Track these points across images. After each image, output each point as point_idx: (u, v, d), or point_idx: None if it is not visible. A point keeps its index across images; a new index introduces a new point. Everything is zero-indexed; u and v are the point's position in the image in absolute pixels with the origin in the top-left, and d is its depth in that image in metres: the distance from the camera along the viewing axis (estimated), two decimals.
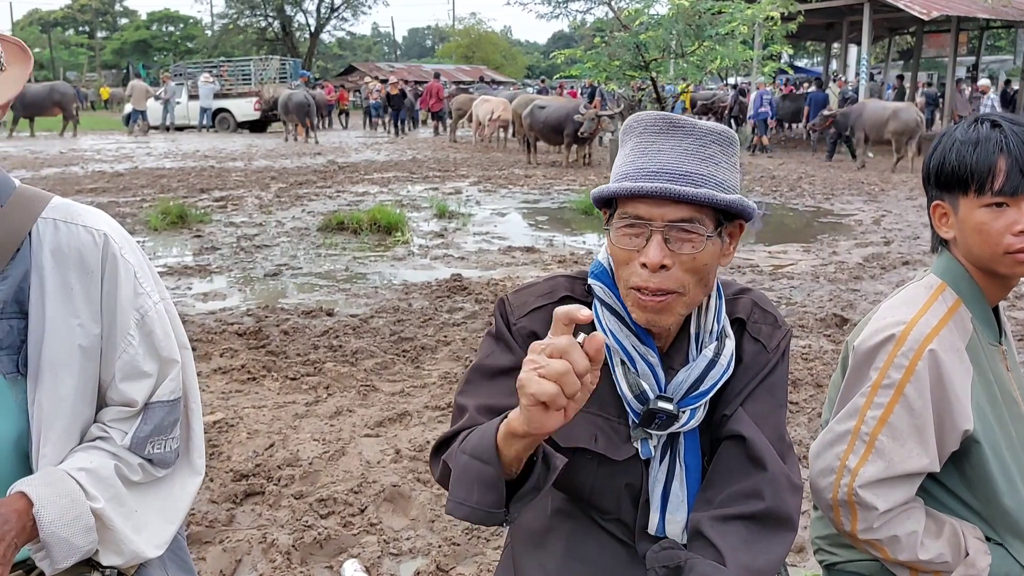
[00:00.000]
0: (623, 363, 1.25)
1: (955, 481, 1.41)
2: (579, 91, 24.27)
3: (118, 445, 1.24)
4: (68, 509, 1.14)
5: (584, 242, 8.45)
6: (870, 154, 15.74)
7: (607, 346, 1.24)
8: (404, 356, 4.58)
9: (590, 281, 1.31)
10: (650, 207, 1.15)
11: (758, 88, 16.68)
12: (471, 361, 4.41)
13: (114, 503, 1.20)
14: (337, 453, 3.34)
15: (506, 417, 1.05)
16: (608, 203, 1.24)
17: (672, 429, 1.25)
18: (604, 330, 1.26)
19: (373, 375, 4.27)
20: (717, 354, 1.25)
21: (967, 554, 1.36)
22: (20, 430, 1.20)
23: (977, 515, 1.41)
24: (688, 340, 1.27)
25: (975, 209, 1.35)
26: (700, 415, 1.26)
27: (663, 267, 1.15)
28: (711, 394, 1.25)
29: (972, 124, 1.40)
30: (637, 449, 1.27)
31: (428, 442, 3.43)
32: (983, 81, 15.17)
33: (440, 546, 2.67)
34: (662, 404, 1.22)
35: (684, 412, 1.24)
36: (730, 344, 1.27)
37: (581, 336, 0.96)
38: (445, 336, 4.93)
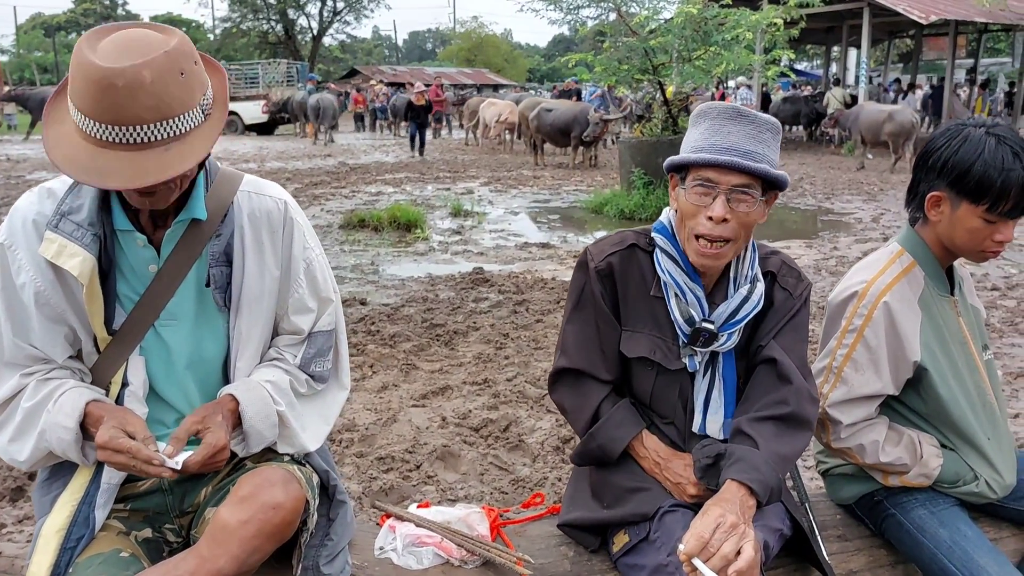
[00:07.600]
0: (676, 295, 1.64)
1: (917, 402, 1.81)
2: (583, 94, 24.53)
3: (290, 364, 1.63)
4: (262, 409, 1.53)
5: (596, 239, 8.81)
6: (869, 155, 16.14)
7: (664, 282, 1.62)
8: (438, 340, 4.95)
9: (653, 234, 1.70)
10: (719, 174, 1.54)
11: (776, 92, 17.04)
12: (501, 344, 4.80)
13: (289, 407, 1.59)
14: (389, 420, 3.71)
15: (640, 434, 1.66)
16: (678, 169, 1.62)
17: (713, 347, 1.64)
18: (662, 270, 1.64)
19: (412, 356, 4.64)
20: (750, 292, 1.64)
21: (922, 457, 1.77)
22: (225, 350, 1.58)
23: (935, 428, 1.81)
24: (727, 281, 1.66)
25: (975, 216, 1.67)
26: (735, 339, 1.65)
27: (724, 220, 1.53)
28: (744, 322, 1.64)
29: (997, 146, 1.63)
30: (685, 363, 1.64)
31: (470, 411, 3.79)
32: (740, 78, 15.45)
33: (492, 493, 3.04)
34: (705, 324, 1.61)
35: (723, 335, 1.62)
36: (760, 286, 1.65)
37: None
38: (474, 322, 5.30)
